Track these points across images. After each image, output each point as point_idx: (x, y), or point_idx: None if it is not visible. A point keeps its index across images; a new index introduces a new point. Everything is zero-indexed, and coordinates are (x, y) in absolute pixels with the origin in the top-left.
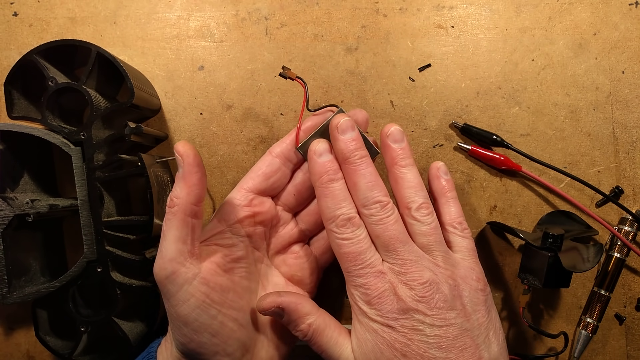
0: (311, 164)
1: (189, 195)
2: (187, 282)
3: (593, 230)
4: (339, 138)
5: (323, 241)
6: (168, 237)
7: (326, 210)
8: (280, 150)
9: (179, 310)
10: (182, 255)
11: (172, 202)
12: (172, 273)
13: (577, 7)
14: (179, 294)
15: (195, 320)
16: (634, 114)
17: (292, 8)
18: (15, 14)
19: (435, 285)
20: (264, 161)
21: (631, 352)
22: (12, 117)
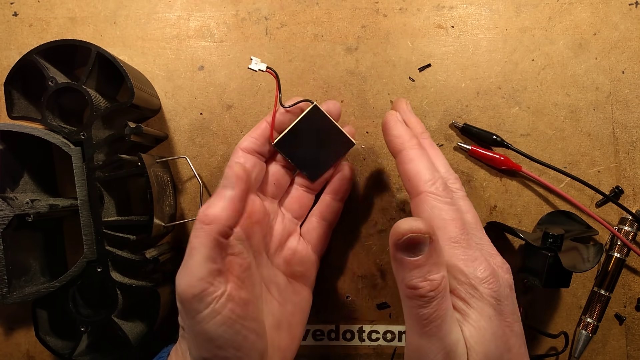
0: (398, 126)
1: (230, 219)
2: (215, 300)
3: (593, 230)
4: (412, 114)
5: (315, 232)
6: (199, 255)
7: (425, 172)
8: (250, 146)
9: (205, 327)
10: (212, 274)
11: (208, 218)
12: (201, 292)
13: (577, 7)
14: (205, 312)
15: (220, 336)
16: (634, 114)
17: (292, 8)
18: (15, 14)
19: (510, 271)
20: (239, 158)
21: (631, 352)
22: (12, 117)
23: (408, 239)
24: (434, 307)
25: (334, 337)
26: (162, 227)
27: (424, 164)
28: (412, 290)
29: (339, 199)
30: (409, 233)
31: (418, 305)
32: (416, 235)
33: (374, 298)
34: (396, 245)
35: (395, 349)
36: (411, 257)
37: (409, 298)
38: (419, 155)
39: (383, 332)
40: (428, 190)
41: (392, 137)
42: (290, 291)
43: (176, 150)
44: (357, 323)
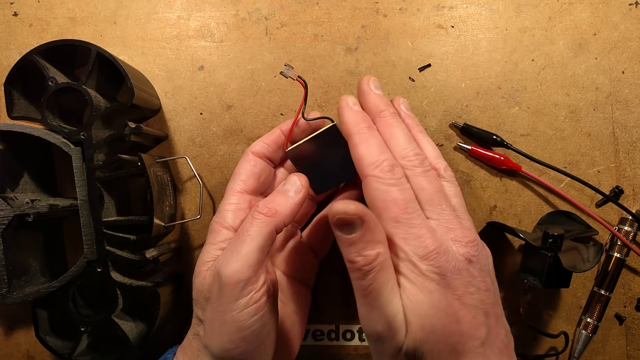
0: (346, 112)
1: (288, 218)
2: (255, 289)
3: (593, 230)
4: (371, 93)
5: (317, 234)
6: (254, 243)
7: (368, 155)
8: (261, 150)
9: (237, 315)
10: (259, 264)
11: (271, 211)
12: (247, 278)
13: (577, 7)
14: (242, 300)
15: (249, 327)
16: (634, 114)
17: (292, 8)
18: (15, 14)
19: (479, 245)
20: (249, 161)
21: (631, 352)
22: (12, 117)
23: (339, 219)
24: (371, 279)
25: (334, 337)
26: (162, 227)
27: (367, 148)
28: (350, 264)
29: None
30: (340, 214)
31: (357, 277)
32: (346, 217)
33: None
34: (332, 224)
35: None
36: (346, 235)
37: (350, 271)
38: (364, 139)
39: None
40: (371, 173)
41: (341, 125)
42: (291, 291)
43: (176, 150)
44: (357, 323)
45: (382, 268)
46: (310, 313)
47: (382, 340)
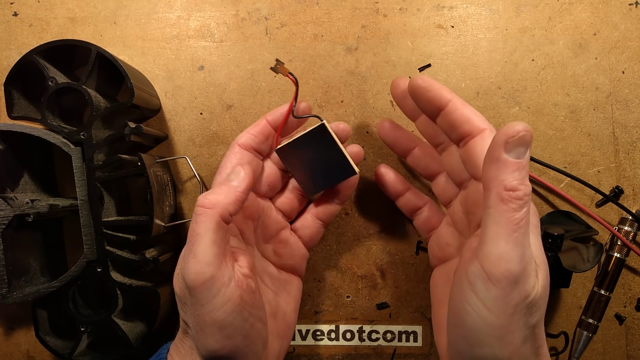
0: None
1: (231, 205)
2: (224, 285)
3: (593, 230)
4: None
5: (309, 229)
6: (204, 240)
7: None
8: (248, 142)
9: (214, 316)
10: (219, 259)
11: (210, 202)
12: (210, 277)
13: (577, 7)
14: (216, 299)
15: (230, 324)
16: (634, 114)
17: (292, 8)
18: (15, 14)
19: None
20: (235, 154)
21: (631, 352)
22: (12, 117)
23: (522, 137)
24: (525, 213)
25: (334, 337)
26: (162, 227)
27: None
28: (510, 192)
29: (339, 202)
30: (524, 131)
31: (513, 209)
32: (528, 134)
33: (374, 298)
34: (507, 143)
35: (395, 349)
36: (517, 158)
37: (505, 201)
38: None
39: (383, 332)
40: (489, 127)
41: (437, 90)
42: (282, 281)
43: (176, 150)
44: (357, 323)
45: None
46: (310, 313)
47: (515, 284)
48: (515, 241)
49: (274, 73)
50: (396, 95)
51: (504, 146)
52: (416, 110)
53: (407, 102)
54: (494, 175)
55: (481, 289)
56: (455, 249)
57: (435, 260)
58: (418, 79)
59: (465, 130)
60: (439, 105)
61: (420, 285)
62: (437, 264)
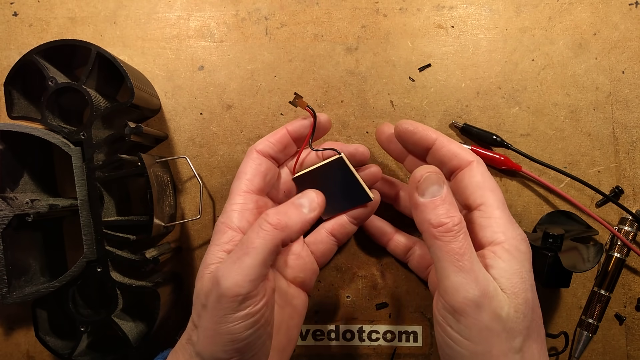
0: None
1: (296, 234)
2: (254, 303)
3: (593, 230)
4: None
5: (322, 245)
6: (258, 257)
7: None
8: (266, 149)
9: (233, 328)
10: (261, 278)
11: (281, 225)
12: (247, 293)
13: (577, 7)
14: (239, 313)
15: (244, 339)
16: (634, 114)
17: (292, 8)
18: (15, 14)
19: None
20: (254, 159)
21: (631, 352)
22: (12, 117)
23: (427, 179)
24: (462, 240)
25: (334, 337)
26: (162, 227)
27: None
28: (439, 228)
29: (356, 223)
30: (427, 173)
31: (448, 241)
32: (432, 174)
33: (374, 298)
34: (418, 189)
35: (395, 349)
36: (432, 197)
37: (438, 237)
38: (450, 140)
39: (383, 332)
40: (476, 159)
41: (423, 132)
42: (290, 295)
43: (176, 150)
44: (357, 323)
45: (466, 231)
46: (310, 313)
47: (478, 307)
48: (462, 269)
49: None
50: (382, 140)
51: (417, 192)
52: (403, 152)
53: (392, 146)
54: (421, 219)
55: (452, 322)
56: None
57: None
58: (403, 123)
59: (454, 165)
60: (426, 145)
61: (420, 285)
62: None
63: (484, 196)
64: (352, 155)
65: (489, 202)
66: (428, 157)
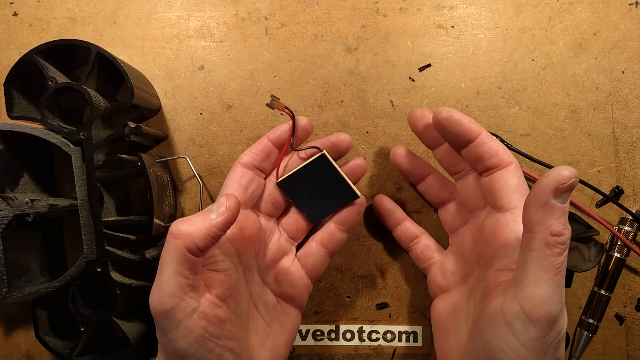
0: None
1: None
2: (186, 317)
3: (594, 230)
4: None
5: (313, 257)
6: (168, 270)
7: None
8: (250, 161)
9: (176, 345)
10: (182, 290)
11: (179, 233)
12: (171, 308)
13: (577, 7)
14: (177, 330)
15: (192, 355)
16: (634, 114)
17: (292, 8)
18: (15, 14)
19: None
20: (237, 173)
21: (631, 352)
22: (12, 117)
23: (572, 184)
24: (565, 256)
25: (334, 337)
26: (162, 227)
27: (498, 142)
28: (555, 237)
29: (345, 230)
30: (574, 178)
31: (556, 253)
32: (576, 180)
33: (374, 298)
34: (557, 190)
35: (395, 349)
36: (562, 203)
37: (550, 246)
38: (491, 137)
39: (383, 332)
40: (515, 161)
41: (467, 124)
42: (279, 311)
43: (176, 150)
44: (357, 323)
45: None
46: (310, 313)
47: (553, 324)
48: (556, 284)
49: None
50: (417, 127)
51: (553, 192)
52: (438, 140)
53: (428, 133)
54: (540, 220)
55: (520, 330)
56: (460, 279)
57: (437, 290)
58: (446, 111)
59: (493, 163)
60: (469, 138)
61: (420, 285)
62: (438, 294)
63: (519, 200)
64: (335, 146)
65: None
66: (465, 151)
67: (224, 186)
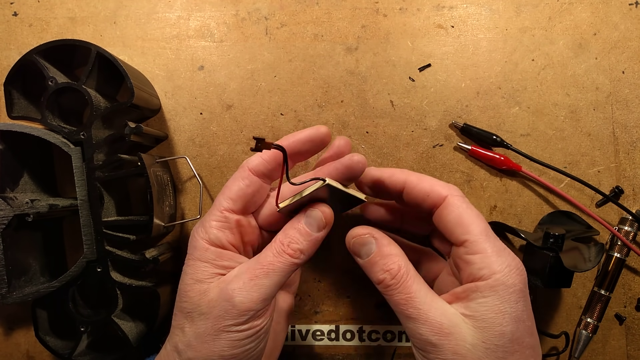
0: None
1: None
2: (258, 322)
3: (594, 230)
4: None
5: None
6: (275, 279)
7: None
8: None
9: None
10: (272, 299)
11: (296, 253)
12: (257, 310)
13: (577, 7)
14: (243, 325)
15: (232, 355)
16: (634, 114)
17: (292, 8)
18: (15, 14)
19: None
20: (244, 179)
21: (631, 352)
22: (12, 117)
23: (355, 242)
24: (404, 289)
25: (334, 337)
26: (162, 227)
27: (429, 179)
28: (380, 285)
29: None
30: (355, 237)
31: (391, 294)
32: (360, 238)
33: (374, 298)
34: (351, 251)
35: (395, 349)
36: (366, 257)
37: (383, 292)
38: (420, 175)
39: (383, 332)
40: (450, 193)
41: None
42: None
43: (176, 150)
44: (357, 323)
45: (410, 277)
46: (310, 313)
47: (436, 345)
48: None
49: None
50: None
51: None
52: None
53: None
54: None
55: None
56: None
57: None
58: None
59: (429, 204)
60: (398, 189)
61: None
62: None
63: (466, 232)
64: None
65: (472, 238)
66: (403, 201)
67: (227, 187)
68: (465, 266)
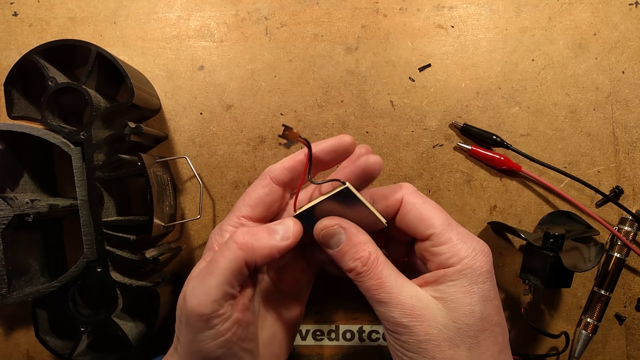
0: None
1: (263, 258)
2: (221, 322)
3: (594, 230)
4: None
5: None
6: (220, 277)
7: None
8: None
9: (203, 346)
10: (226, 297)
11: (246, 245)
12: (211, 313)
13: (577, 7)
14: (208, 332)
15: (217, 358)
16: (634, 114)
17: (292, 8)
18: (15, 14)
19: None
20: (264, 187)
21: (631, 352)
22: (12, 117)
23: (324, 234)
24: (375, 275)
25: (334, 337)
26: (162, 227)
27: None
28: (350, 273)
29: None
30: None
31: (362, 281)
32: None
33: None
34: (321, 244)
35: None
36: (336, 248)
37: (354, 280)
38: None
39: (383, 332)
40: (408, 191)
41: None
42: (285, 307)
43: (176, 150)
44: (357, 323)
45: (380, 263)
46: (310, 313)
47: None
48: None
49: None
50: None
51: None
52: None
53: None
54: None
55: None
56: None
57: None
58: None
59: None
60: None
61: None
62: None
63: (430, 226)
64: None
65: (436, 231)
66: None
67: (248, 194)
68: (433, 257)
